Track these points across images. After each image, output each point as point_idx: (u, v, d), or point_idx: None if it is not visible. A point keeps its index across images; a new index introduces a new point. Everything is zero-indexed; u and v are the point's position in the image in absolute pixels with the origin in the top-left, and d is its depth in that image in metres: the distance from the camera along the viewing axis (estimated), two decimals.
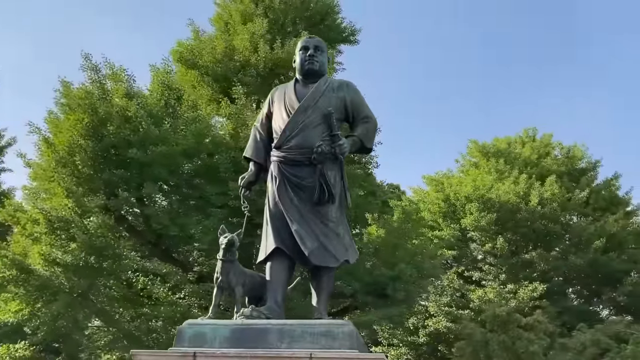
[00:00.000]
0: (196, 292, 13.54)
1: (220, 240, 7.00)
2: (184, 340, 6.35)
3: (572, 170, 31.57)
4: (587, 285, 27.07)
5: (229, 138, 14.45)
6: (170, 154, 13.52)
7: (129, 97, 14.49)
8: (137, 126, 13.69)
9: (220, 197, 13.84)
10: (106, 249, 12.64)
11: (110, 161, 13.91)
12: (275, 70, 17.70)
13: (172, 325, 13.39)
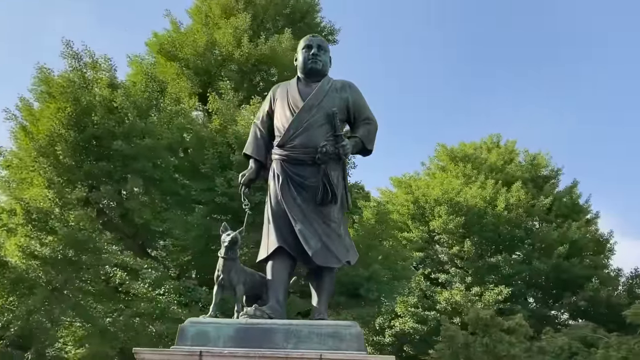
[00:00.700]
0: (176, 289, 13.29)
1: (223, 238, 6.88)
2: (186, 339, 6.22)
3: (536, 178, 32.38)
4: (549, 290, 27.83)
5: (215, 133, 14.20)
6: (156, 148, 13.20)
7: (112, 87, 14.09)
8: (122, 117, 13.32)
9: (206, 193, 13.61)
10: (87, 242, 12.25)
11: (92, 152, 13.50)
12: (257, 66, 17.56)
13: (150, 322, 13.12)
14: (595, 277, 26.47)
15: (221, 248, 6.82)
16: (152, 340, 13.13)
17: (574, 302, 25.72)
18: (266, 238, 7.06)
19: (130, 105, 13.40)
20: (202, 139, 14.20)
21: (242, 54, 17.05)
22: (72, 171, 13.28)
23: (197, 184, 13.80)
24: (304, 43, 7.60)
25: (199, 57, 17.23)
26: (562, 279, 26.12)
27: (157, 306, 12.64)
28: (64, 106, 13.43)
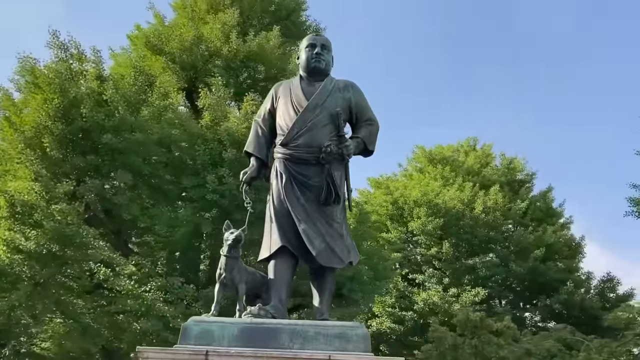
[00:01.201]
0: (162, 286, 13.07)
1: (226, 236, 6.79)
2: (189, 338, 6.12)
3: (512, 181, 32.87)
4: (525, 292, 28.28)
5: (205, 130, 14.01)
6: (145, 143, 12.95)
7: (100, 80, 13.78)
8: (111, 111, 13.03)
9: (195, 190, 13.42)
10: (74, 237, 11.96)
11: (79, 145, 13.17)
12: (245, 63, 17.41)
13: (134, 319, 12.88)
14: (570, 281, 26.97)
15: (224, 246, 6.73)
16: (136, 338, 12.91)
17: (549, 305, 26.18)
18: (268, 237, 6.99)
19: (120, 99, 13.12)
20: (192, 134, 13.99)
21: (231, 49, 16.89)
22: (59, 164, 12.94)
23: (187, 181, 13.60)
24: (307, 42, 7.55)
25: (186, 51, 17.00)
26: (538, 282, 26.58)
27: (142, 303, 12.42)
28: (51, 97, 13.09)
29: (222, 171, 13.17)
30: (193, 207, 13.33)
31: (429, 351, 16.32)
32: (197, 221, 13.21)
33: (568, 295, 25.98)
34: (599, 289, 29.33)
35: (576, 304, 25.86)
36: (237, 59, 17.07)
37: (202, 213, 13.26)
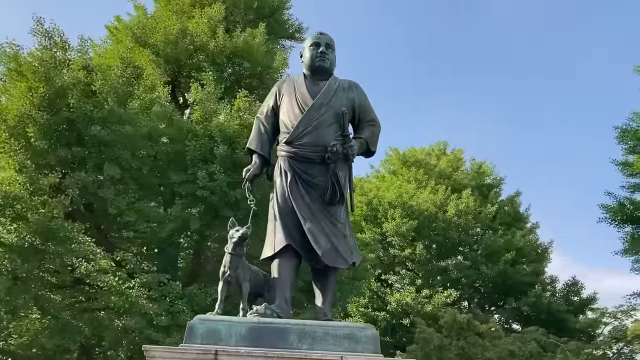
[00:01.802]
0: (147, 283, 12.78)
1: (231, 233, 6.69)
2: (195, 337, 6.01)
3: (481, 185, 33.41)
4: (494, 294, 28.78)
5: (196, 125, 13.76)
6: (134, 136, 12.64)
7: (87, 70, 13.39)
8: (100, 102, 12.67)
9: (185, 185, 13.17)
10: (58, 231, 11.59)
11: (64, 136, 12.77)
12: (231, 59, 17.20)
13: (117, 317, 12.56)
14: (538, 284, 27.57)
15: (228, 243, 6.64)
16: (118, 335, 12.62)
17: (517, 307, 26.71)
18: (272, 235, 6.91)
19: (109, 90, 12.78)
20: (181, 129, 13.73)
21: (217, 45, 16.67)
22: (43, 155, 12.53)
23: (176, 176, 13.34)
24: (312, 40, 7.50)
25: (170, 45, 16.69)
26: (507, 285, 27.07)
27: (126, 300, 12.14)
28: (36, 86, 12.65)
29: (213, 167, 12.98)
30: (182, 203, 13.08)
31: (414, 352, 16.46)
32: (185, 217, 12.99)
33: (536, 298, 26.56)
34: (564, 293, 30.05)
35: (544, 307, 26.45)
36: (223, 54, 16.87)
37: (189, 209, 13.03)
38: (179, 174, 13.28)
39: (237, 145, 13.27)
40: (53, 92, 12.45)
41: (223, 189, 12.81)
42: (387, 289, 27.00)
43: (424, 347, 16.61)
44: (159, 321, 12.35)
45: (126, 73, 13.84)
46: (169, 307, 12.79)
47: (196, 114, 14.14)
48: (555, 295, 29.22)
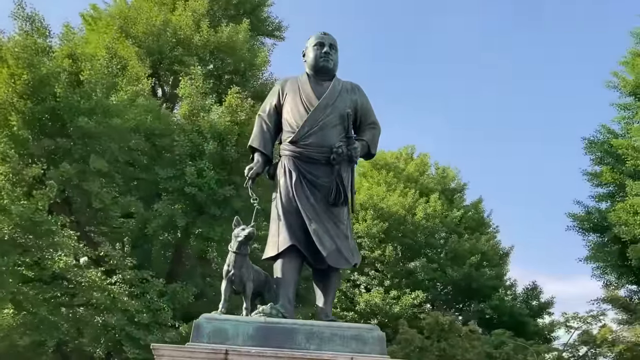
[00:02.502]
0: (130, 279, 12.48)
1: (237, 232, 6.64)
2: (202, 336, 5.97)
3: (445, 190, 33.96)
4: (458, 297, 29.31)
5: (184, 120, 13.52)
6: (122, 128, 12.32)
7: (72, 58, 12.97)
8: (88, 93, 12.29)
9: (172, 181, 12.92)
10: (42, 224, 11.19)
11: (48, 127, 12.33)
12: (215, 54, 16.95)
13: (97, 313, 12.21)
14: (502, 288, 28.21)
15: (233, 242, 6.59)
16: (97, 332, 12.29)
17: (482, 309, 27.28)
18: (276, 235, 6.88)
19: (98, 81, 12.42)
20: (168, 124, 13.48)
21: (202, 38, 16.43)
22: (26, 145, 12.06)
23: (163, 172, 13.07)
24: (316, 40, 7.50)
25: (152, 36, 16.36)
26: (472, 287, 27.59)
27: (108, 296, 11.82)
28: (19, 73, 12.19)
29: (202, 164, 12.79)
30: (168, 199, 12.84)
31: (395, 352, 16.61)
32: (171, 214, 12.77)
33: (499, 301, 27.16)
34: (523, 297, 30.84)
35: (506, 310, 27.08)
36: (207, 49, 16.64)
37: (174, 206, 12.80)
38: (165, 170, 13.03)
39: (228, 142, 13.11)
40: (37, 80, 12.04)
41: (211, 187, 12.65)
42: (356, 290, 27.15)
43: (404, 348, 16.81)
44: (140, 318, 12.12)
45: (112, 64, 13.50)
46: (149, 305, 12.55)
47: (184, 108, 13.91)
48: (516, 299, 29.92)
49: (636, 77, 18.44)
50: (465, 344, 17.32)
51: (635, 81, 18.44)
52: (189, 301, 13.10)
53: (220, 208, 12.82)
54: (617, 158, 19.25)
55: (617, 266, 19.14)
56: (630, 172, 17.88)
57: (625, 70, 19.70)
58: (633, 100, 18.87)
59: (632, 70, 18.83)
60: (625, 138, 19.54)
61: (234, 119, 13.35)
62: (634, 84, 18.43)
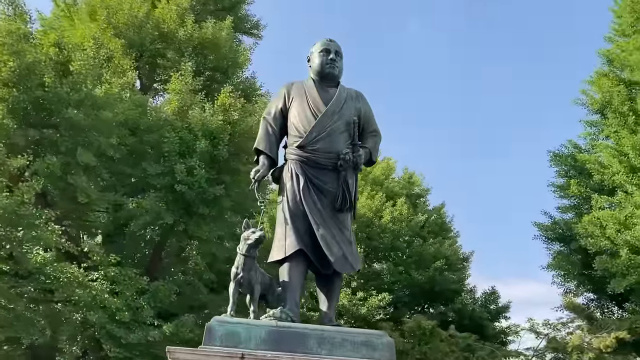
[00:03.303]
0: (111, 277, 12.21)
1: (247, 235, 6.74)
2: (214, 339, 6.06)
3: (410, 194, 34.55)
4: (421, 300, 29.85)
5: (173, 116, 13.32)
6: (111, 122, 12.03)
7: (59, 47, 12.57)
8: (78, 84, 11.95)
9: (160, 178, 12.72)
10: (27, 217, 10.82)
11: (33, 116, 11.92)
12: (198, 50, 16.75)
13: (77, 311, 11.88)
14: (464, 292, 28.88)
15: (242, 245, 6.67)
16: (75, 329, 11.99)
17: (444, 312, 27.87)
18: (282, 239, 7.00)
19: (88, 72, 12.11)
20: (157, 119, 13.26)
21: (186, 33, 16.22)
22: (9, 135, 11.64)
23: (152, 168, 12.86)
24: (322, 47, 7.65)
25: (134, 28, 16.03)
26: (435, 291, 28.15)
27: (89, 293, 11.55)
28: (4, 59, 11.75)
29: (192, 162, 12.65)
30: (155, 196, 12.66)
31: None
32: (157, 210, 12.58)
33: (462, 305, 27.79)
34: (481, 301, 31.65)
35: (468, 313, 27.74)
36: (190, 44, 16.44)
37: (161, 203, 12.61)
38: (154, 166, 12.84)
39: (220, 142, 13.02)
40: (23, 68, 11.64)
41: (201, 185, 12.54)
42: None
43: None
44: (121, 316, 11.91)
45: (99, 55, 13.19)
46: (130, 302, 12.33)
47: (173, 104, 13.73)
48: (476, 303, 30.66)
49: (603, 96, 19.26)
50: (446, 348, 17.72)
51: (602, 100, 19.26)
52: (170, 300, 12.95)
53: (209, 207, 12.75)
54: (581, 172, 20.09)
55: (578, 275, 19.93)
56: (596, 187, 18.69)
57: (592, 90, 20.57)
58: (599, 118, 19.72)
59: (599, 89, 19.66)
60: (590, 153, 20.42)
61: (226, 118, 13.29)
62: (601, 102, 19.24)
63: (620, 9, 22.83)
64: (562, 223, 19.71)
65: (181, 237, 13.52)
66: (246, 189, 13.76)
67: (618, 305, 21.31)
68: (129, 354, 11.67)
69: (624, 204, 16.45)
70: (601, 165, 17.80)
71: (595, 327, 17.57)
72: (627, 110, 18.08)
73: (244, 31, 22.01)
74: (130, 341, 11.56)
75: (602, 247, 16.46)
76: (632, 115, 17.58)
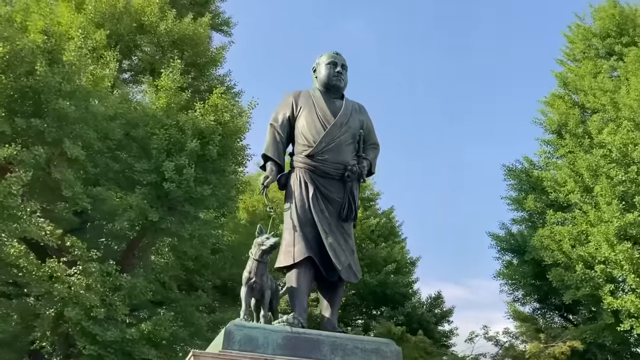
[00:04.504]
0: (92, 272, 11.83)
1: (261, 240, 6.90)
2: (234, 343, 6.21)
3: (362, 198, 35.20)
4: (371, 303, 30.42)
5: (160, 112, 13.05)
6: (99, 115, 11.66)
7: (47, 34, 12.06)
8: (69, 74, 11.52)
9: (146, 174, 12.43)
10: (13, 209, 10.36)
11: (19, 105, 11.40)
12: (177, 44, 16.45)
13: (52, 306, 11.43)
14: (414, 296, 29.67)
15: (256, 250, 6.80)
16: (50, 325, 11.59)
17: (394, 315, 28.53)
18: (291, 246, 7.19)
19: (82, 64, 11.71)
20: (146, 115, 12.97)
21: (167, 27, 15.91)
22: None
23: (140, 164, 12.58)
24: (329, 59, 7.93)
25: (112, 18, 15.59)
26: (386, 294, 28.78)
27: (67, 288, 11.18)
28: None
29: (182, 160, 12.46)
30: (141, 193, 12.40)
31: None
32: (143, 207, 12.32)
33: (412, 308, 28.55)
34: (427, 304, 32.63)
35: (416, 317, 28.53)
36: (169, 38, 16.14)
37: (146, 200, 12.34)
38: (142, 162, 12.58)
39: (210, 142, 12.92)
40: (12, 55, 11.13)
41: (190, 184, 12.41)
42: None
43: None
44: (97, 313, 11.61)
45: (87, 45, 12.78)
46: (104, 298, 12.03)
47: (162, 100, 13.48)
48: (423, 307, 31.55)
49: (560, 117, 20.34)
50: (415, 353, 18.21)
51: (558, 121, 20.34)
52: (145, 298, 12.75)
53: (194, 206, 12.64)
54: (534, 187, 21.11)
55: (527, 285, 20.92)
56: (549, 202, 19.70)
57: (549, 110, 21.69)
58: (555, 138, 20.79)
59: (556, 110, 20.76)
60: (542, 170, 21.50)
61: (217, 119, 13.21)
62: (558, 123, 20.32)
63: (573, 35, 24.15)
64: (519, 234, 20.63)
65: (160, 234, 13.35)
66: (232, 190, 13.82)
67: (560, 316, 22.56)
68: (103, 352, 11.44)
69: (579, 220, 17.42)
70: (557, 183, 18.78)
71: (547, 335, 18.55)
72: (581, 132, 19.19)
73: (213, 27, 21.82)
74: (107, 338, 11.35)
75: (557, 260, 17.40)
76: (586, 138, 18.67)
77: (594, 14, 23.60)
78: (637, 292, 14.82)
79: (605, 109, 18.36)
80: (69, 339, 12.04)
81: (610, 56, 22.13)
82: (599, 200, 16.33)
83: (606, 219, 15.41)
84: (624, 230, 15.34)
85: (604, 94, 18.54)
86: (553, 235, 17.72)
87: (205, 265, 15.63)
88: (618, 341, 16.96)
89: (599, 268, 15.82)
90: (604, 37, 22.31)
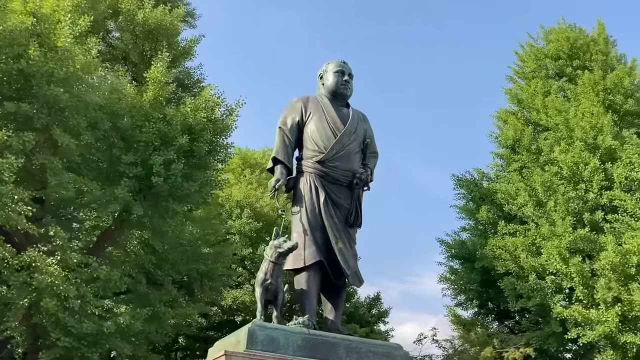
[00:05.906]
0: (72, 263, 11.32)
1: (278, 243, 7.08)
2: (257, 343, 6.42)
3: None
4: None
5: (148, 105, 12.64)
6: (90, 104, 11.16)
7: (36, 17, 11.38)
8: (62, 60, 10.95)
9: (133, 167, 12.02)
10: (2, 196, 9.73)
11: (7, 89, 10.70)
12: (153, 34, 15.95)
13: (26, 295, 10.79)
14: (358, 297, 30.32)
15: (272, 252, 6.96)
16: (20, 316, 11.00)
17: None
18: (301, 249, 7.43)
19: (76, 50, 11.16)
20: (133, 106, 12.54)
21: (145, 16, 15.44)
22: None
23: (127, 157, 12.16)
24: (337, 68, 8.24)
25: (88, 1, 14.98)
26: None
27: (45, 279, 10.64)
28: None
29: (170, 155, 12.15)
30: (127, 186, 11.99)
31: None
32: (127, 200, 11.92)
33: (354, 309, 29.15)
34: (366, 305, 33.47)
35: (358, 316, 29.20)
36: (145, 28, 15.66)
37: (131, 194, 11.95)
38: (129, 155, 12.19)
39: (200, 138, 12.70)
40: (3, 37, 10.46)
41: (177, 179, 12.15)
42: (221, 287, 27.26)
43: None
44: (73, 304, 11.18)
45: (74, 30, 12.20)
46: (79, 289, 11.60)
47: (150, 93, 13.09)
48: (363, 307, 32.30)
49: (514, 133, 21.28)
50: None
51: (513, 137, 21.27)
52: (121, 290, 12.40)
53: (178, 202, 12.40)
54: (484, 198, 22.00)
55: (470, 290, 21.82)
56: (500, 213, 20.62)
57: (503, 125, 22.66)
58: (509, 152, 21.74)
59: (511, 126, 21.70)
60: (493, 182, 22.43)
61: (208, 116, 13.00)
62: (513, 138, 21.25)
63: (524, 54, 25.25)
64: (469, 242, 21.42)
65: (137, 227, 13.01)
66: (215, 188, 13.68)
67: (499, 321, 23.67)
68: (77, 344, 11.07)
69: (531, 232, 18.33)
70: (510, 196, 19.68)
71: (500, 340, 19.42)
72: (535, 149, 20.19)
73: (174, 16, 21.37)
74: (84, 331, 10.99)
75: (510, 269, 18.28)
76: (541, 155, 19.64)
77: (545, 35, 24.67)
78: (584, 303, 15.87)
79: (558, 127, 19.39)
80: (37, 330, 11.56)
81: (559, 77, 23.26)
82: (553, 215, 17.27)
83: (559, 233, 16.37)
84: (575, 244, 16.36)
85: (559, 113, 19.57)
86: (505, 245, 18.60)
87: (166, 260, 15.39)
88: (561, 348, 18.03)
89: (550, 279, 16.78)
90: (555, 59, 23.41)
